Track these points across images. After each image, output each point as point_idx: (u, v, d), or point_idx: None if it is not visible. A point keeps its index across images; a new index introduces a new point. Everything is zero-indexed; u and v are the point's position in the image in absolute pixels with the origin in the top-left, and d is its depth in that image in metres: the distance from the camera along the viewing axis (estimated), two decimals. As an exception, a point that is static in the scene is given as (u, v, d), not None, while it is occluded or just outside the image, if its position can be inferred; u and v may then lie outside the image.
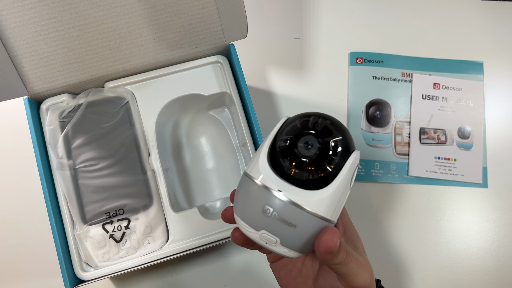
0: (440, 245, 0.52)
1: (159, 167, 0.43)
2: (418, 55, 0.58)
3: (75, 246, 0.41)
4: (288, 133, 0.28)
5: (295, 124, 0.28)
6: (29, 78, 0.41)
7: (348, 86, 0.57)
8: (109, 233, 0.41)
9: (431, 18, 0.60)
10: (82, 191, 0.42)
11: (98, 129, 0.43)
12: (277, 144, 0.28)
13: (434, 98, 0.57)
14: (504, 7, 0.61)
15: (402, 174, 0.54)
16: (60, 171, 0.41)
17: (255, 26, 0.59)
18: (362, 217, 0.52)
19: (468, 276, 0.51)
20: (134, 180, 0.43)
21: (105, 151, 0.43)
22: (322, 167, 0.26)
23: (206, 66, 0.46)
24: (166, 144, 0.48)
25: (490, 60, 0.58)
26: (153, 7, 0.41)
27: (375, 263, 0.51)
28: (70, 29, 0.40)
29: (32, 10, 0.38)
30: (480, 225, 0.53)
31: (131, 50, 0.43)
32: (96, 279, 0.40)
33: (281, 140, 0.27)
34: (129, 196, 0.42)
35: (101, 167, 0.42)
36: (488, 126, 0.56)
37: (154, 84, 0.45)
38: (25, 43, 0.40)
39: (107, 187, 0.42)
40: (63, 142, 0.42)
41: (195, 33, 0.43)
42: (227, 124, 0.50)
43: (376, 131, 0.56)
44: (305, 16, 0.60)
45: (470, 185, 0.54)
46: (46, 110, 0.43)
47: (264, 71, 0.57)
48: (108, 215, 0.42)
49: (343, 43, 0.59)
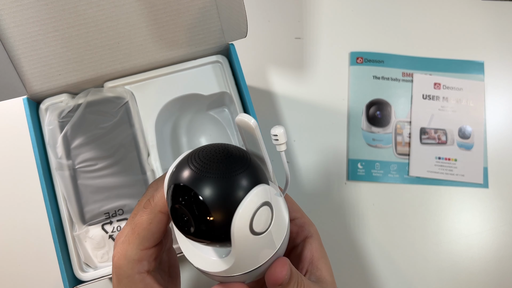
0: (440, 245, 0.52)
1: (158, 167, 0.43)
2: (419, 55, 0.58)
3: (74, 246, 0.41)
4: (168, 198, 0.24)
5: (168, 192, 0.24)
6: (28, 78, 0.41)
7: (348, 86, 0.57)
8: (109, 233, 0.41)
9: (431, 18, 0.60)
10: (81, 192, 0.42)
11: (98, 129, 0.43)
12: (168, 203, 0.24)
13: (435, 98, 0.57)
14: (504, 7, 0.61)
15: (403, 174, 0.54)
16: (59, 171, 0.41)
17: (255, 25, 0.59)
18: (362, 217, 0.52)
19: (469, 276, 0.51)
20: (134, 180, 0.42)
21: (105, 151, 0.42)
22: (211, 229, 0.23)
23: (206, 66, 0.45)
24: (165, 144, 0.48)
25: (491, 60, 0.58)
26: (152, 7, 0.41)
27: (375, 264, 0.51)
28: (70, 28, 0.40)
29: (31, 10, 0.38)
30: (480, 225, 0.53)
31: (131, 49, 0.42)
32: (96, 280, 0.40)
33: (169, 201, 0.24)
34: (129, 197, 0.42)
35: (100, 167, 0.42)
36: (489, 126, 0.56)
37: (153, 84, 0.45)
38: (24, 43, 0.40)
39: (107, 187, 0.42)
40: (62, 142, 0.42)
41: (195, 32, 0.43)
42: (227, 124, 0.50)
43: (377, 131, 0.55)
44: (305, 16, 0.60)
45: (471, 185, 0.54)
46: (45, 110, 0.43)
47: (264, 71, 0.57)
48: (107, 216, 0.42)
49: (343, 42, 0.59)
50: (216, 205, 0.22)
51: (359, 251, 0.52)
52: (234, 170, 0.23)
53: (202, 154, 0.23)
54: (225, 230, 0.22)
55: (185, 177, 0.23)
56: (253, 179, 0.23)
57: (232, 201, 0.22)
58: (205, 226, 0.22)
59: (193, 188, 0.22)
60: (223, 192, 0.22)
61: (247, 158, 0.24)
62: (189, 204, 0.22)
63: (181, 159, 0.25)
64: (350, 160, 0.54)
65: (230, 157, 0.23)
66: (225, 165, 0.23)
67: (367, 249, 0.52)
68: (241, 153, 0.24)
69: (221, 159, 0.23)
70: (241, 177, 0.23)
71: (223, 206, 0.22)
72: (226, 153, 0.23)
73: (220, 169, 0.22)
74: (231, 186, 0.22)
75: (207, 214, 0.22)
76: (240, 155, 0.24)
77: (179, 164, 0.24)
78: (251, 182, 0.23)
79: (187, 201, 0.22)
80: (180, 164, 0.24)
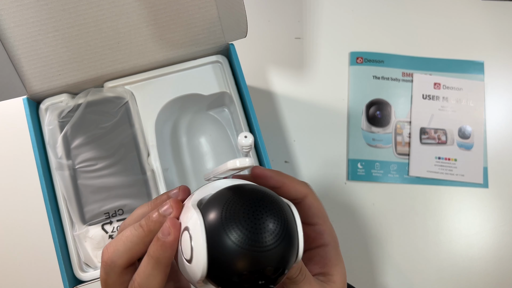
0: (440, 245, 0.52)
1: (158, 167, 0.43)
2: (419, 55, 0.58)
3: (74, 246, 0.41)
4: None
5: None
6: (28, 78, 0.41)
7: (348, 86, 0.57)
8: (109, 233, 0.41)
9: (431, 18, 0.60)
10: (81, 191, 0.42)
11: (98, 129, 0.43)
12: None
13: (435, 98, 0.57)
14: (504, 7, 0.61)
15: (403, 174, 0.54)
16: (59, 171, 0.41)
17: (255, 25, 0.59)
18: (362, 217, 0.52)
19: (469, 276, 0.51)
20: (134, 180, 0.42)
21: (105, 151, 0.42)
22: None
23: (206, 65, 0.45)
24: (165, 144, 0.48)
25: (491, 60, 0.58)
26: (152, 7, 0.41)
27: (375, 264, 0.51)
28: (70, 28, 0.40)
29: (31, 10, 0.38)
30: (480, 225, 0.53)
31: (131, 49, 0.42)
32: (96, 280, 0.40)
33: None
34: (129, 196, 0.42)
35: (100, 167, 0.42)
36: (488, 126, 0.56)
37: (153, 83, 0.45)
38: (24, 43, 0.40)
39: (107, 187, 0.42)
40: (62, 142, 0.42)
41: (195, 32, 0.43)
42: (227, 124, 0.50)
43: (377, 131, 0.55)
44: (305, 16, 0.60)
45: (471, 185, 0.54)
46: (45, 110, 0.43)
47: (264, 71, 0.57)
48: (107, 216, 0.42)
49: (343, 42, 0.59)
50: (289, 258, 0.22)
51: (359, 251, 0.52)
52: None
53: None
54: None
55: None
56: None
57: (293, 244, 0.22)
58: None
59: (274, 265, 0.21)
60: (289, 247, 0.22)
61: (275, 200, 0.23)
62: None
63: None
64: (350, 160, 0.54)
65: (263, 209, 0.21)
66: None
67: (367, 248, 0.52)
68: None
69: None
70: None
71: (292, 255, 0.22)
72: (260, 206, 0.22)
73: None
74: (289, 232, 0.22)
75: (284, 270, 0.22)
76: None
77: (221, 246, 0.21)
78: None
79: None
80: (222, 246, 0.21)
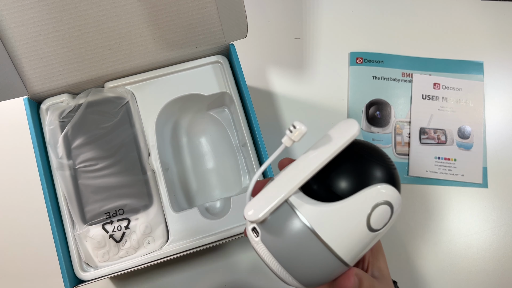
0: (440, 245, 0.52)
1: (159, 167, 0.43)
2: (418, 55, 0.58)
3: (75, 246, 0.41)
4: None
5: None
6: (29, 78, 0.41)
7: (348, 86, 0.57)
8: (109, 233, 0.41)
9: (431, 18, 0.60)
10: (82, 191, 0.42)
11: (98, 129, 0.43)
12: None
13: (434, 98, 0.57)
14: (504, 7, 0.61)
15: (402, 174, 0.54)
16: (60, 171, 0.41)
17: (255, 26, 0.59)
18: (362, 217, 0.52)
19: (468, 276, 0.51)
20: (134, 180, 0.43)
21: (105, 151, 0.43)
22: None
23: (206, 66, 0.46)
24: (166, 144, 0.48)
25: (490, 60, 0.58)
26: (153, 7, 0.41)
27: (375, 263, 0.51)
28: (70, 29, 0.40)
29: (32, 10, 0.38)
30: (480, 225, 0.53)
31: (131, 50, 0.43)
32: (96, 279, 0.40)
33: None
34: (129, 196, 0.42)
35: (101, 167, 0.42)
36: (488, 126, 0.56)
37: (154, 84, 0.45)
38: (25, 43, 0.40)
39: (107, 187, 0.42)
40: (63, 142, 0.42)
41: (195, 33, 0.43)
42: (227, 124, 0.50)
43: (376, 131, 0.56)
44: (305, 16, 0.60)
45: (470, 185, 0.54)
46: (46, 110, 0.43)
47: (264, 71, 0.57)
48: (108, 215, 0.42)
49: (343, 43, 0.59)
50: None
51: (358, 251, 0.52)
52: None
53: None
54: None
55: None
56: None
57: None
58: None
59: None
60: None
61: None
62: None
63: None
64: (350, 160, 0.54)
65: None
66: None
67: (367, 248, 0.52)
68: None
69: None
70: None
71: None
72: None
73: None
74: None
75: None
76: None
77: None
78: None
79: None
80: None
